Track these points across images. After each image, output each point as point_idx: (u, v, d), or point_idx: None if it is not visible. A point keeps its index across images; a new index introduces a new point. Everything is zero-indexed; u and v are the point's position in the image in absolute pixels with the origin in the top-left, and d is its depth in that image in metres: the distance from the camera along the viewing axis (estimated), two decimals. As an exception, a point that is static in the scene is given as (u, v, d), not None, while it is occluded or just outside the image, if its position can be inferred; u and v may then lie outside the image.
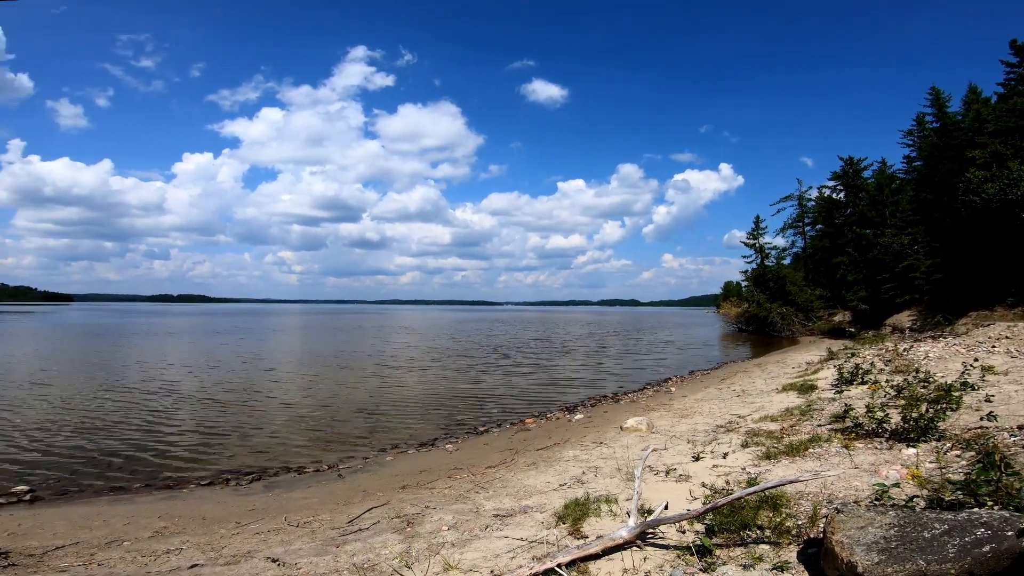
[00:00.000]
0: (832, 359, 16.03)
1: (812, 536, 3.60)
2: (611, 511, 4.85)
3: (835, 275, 42.36)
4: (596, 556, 3.76)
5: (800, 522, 3.90)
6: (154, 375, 18.73)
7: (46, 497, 7.29)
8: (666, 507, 4.57)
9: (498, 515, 5.30)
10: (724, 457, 6.53)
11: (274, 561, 4.56)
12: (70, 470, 8.40)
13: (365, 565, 4.25)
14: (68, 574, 4.58)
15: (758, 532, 3.82)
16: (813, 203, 50.64)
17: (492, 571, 3.89)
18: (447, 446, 9.89)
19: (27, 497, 7.22)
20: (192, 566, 4.62)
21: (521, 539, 4.50)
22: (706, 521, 3.96)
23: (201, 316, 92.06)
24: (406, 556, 4.30)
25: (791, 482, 4.04)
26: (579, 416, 12.08)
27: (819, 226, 49.87)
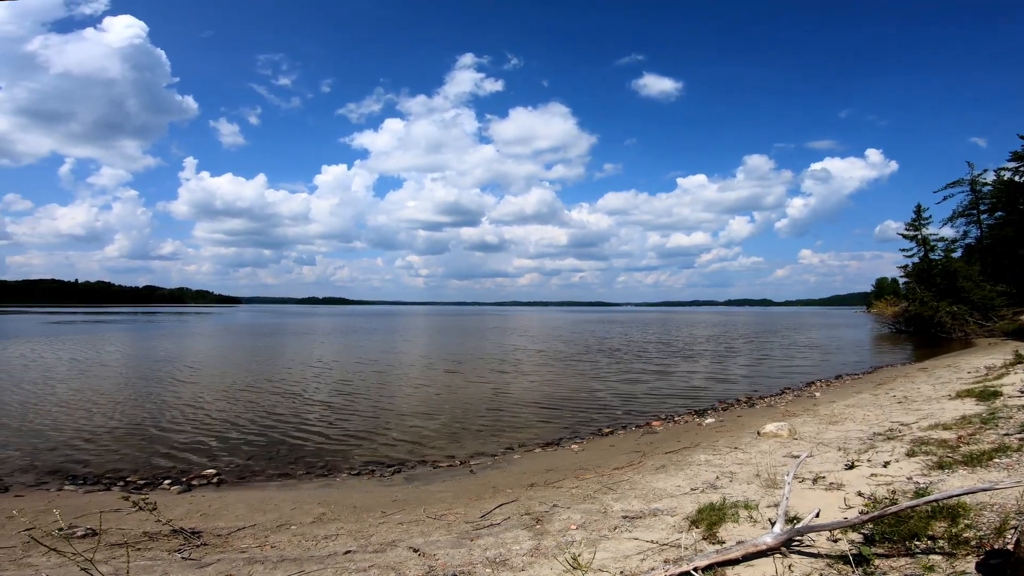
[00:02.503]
0: (1020, 363, 13.88)
1: (997, 547, 3.14)
2: (750, 517, 4.55)
3: (1022, 269, 35.91)
4: (735, 562, 3.55)
5: (982, 533, 3.40)
6: (304, 370, 21.03)
7: (229, 480, 8.29)
8: (817, 515, 4.19)
9: (627, 516, 5.20)
10: (885, 466, 5.85)
11: (415, 551, 4.77)
12: (247, 456, 9.53)
13: (497, 560, 4.34)
14: (247, 555, 5.00)
15: (928, 543, 3.39)
16: (990, 188, 43.44)
17: (622, 572, 3.82)
18: (572, 446, 9.89)
19: (215, 480, 8.25)
20: (347, 552, 4.93)
21: (651, 541, 4.37)
22: (864, 531, 3.57)
23: (341, 317, 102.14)
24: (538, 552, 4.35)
25: (983, 490, 3.55)
26: (710, 420, 11.46)
27: (999, 213, 42.64)
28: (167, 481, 8.17)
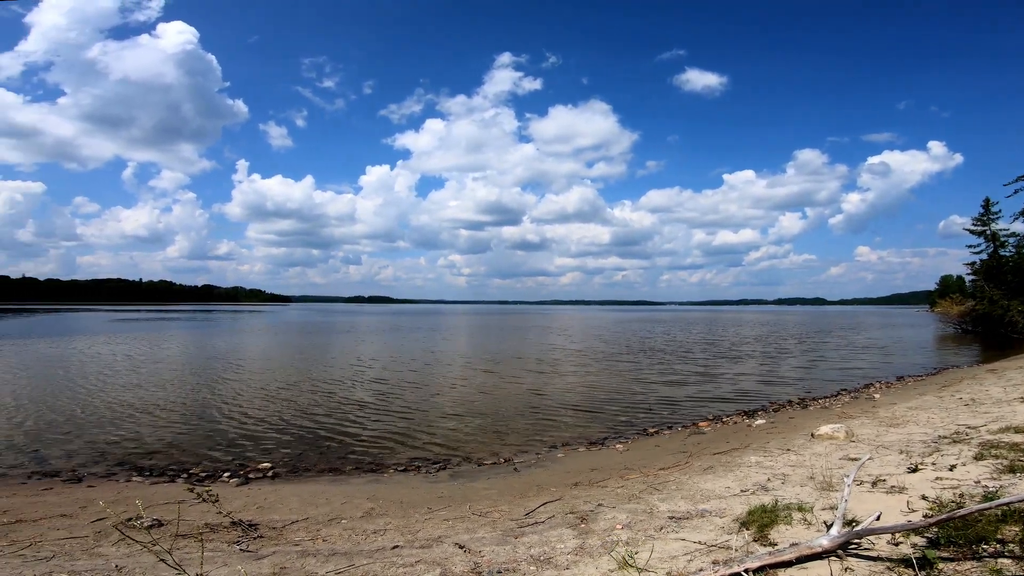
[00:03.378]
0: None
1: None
2: (804, 519, 4.40)
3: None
4: (788, 564, 3.44)
5: (1056, 537, 3.21)
6: (350, 368, 21.71)
7: (282, 474, 8.59)
8: (877, 518, 4.02)
9: (673, 517, 5.11)
10: (951, 469, 5.57)
11: (460, 547, 4.79)
12: (299, 450, 9.86)
13: (541, 558, 4.33)
14: (300, 547, 5.13)
15: (997, 546, 3.22)
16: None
17: (669, 572, 3.76)
18: (617, 446, 9.82)
19: (270, 473, 8.58)
20: (394, 547, 4.99)
21: (699, 542, 4.29)
22: (928, 534, 3.41)
23: (385, 316, 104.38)
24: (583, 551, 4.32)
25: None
26: (760, 421, 11.14)
27: (1074, 207, 39.77)
28: (226, 474, 8.53)
